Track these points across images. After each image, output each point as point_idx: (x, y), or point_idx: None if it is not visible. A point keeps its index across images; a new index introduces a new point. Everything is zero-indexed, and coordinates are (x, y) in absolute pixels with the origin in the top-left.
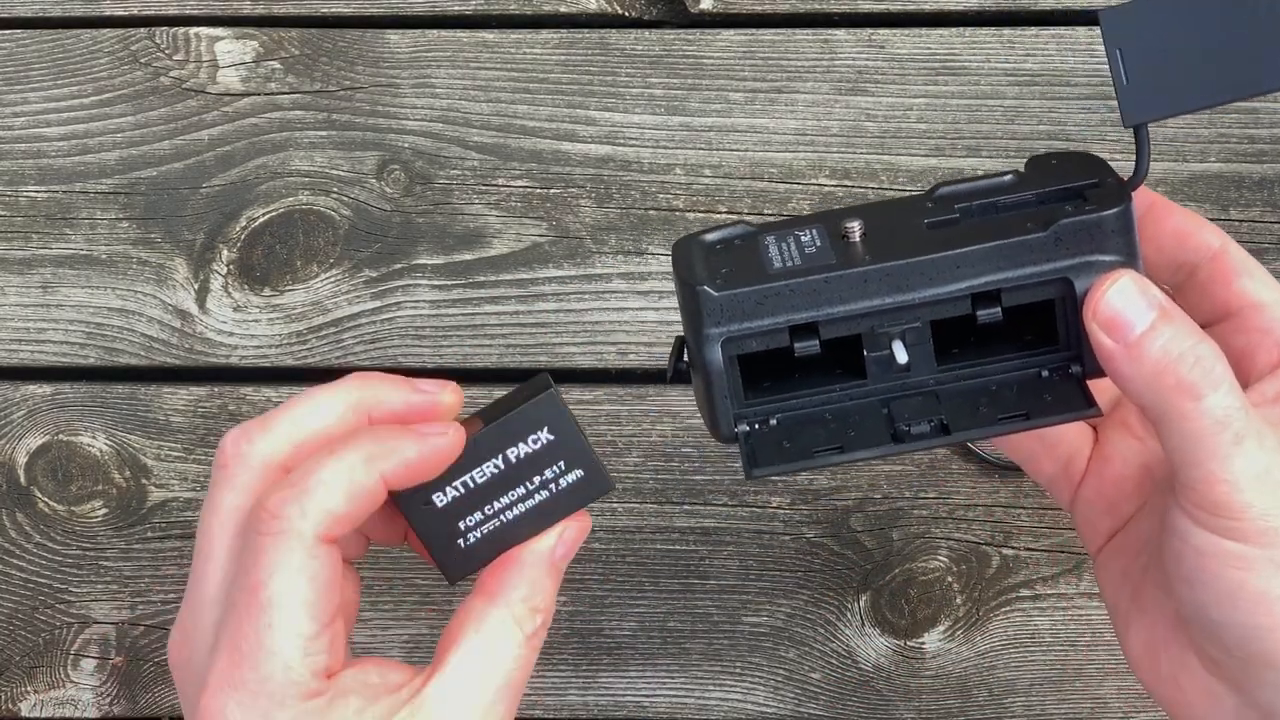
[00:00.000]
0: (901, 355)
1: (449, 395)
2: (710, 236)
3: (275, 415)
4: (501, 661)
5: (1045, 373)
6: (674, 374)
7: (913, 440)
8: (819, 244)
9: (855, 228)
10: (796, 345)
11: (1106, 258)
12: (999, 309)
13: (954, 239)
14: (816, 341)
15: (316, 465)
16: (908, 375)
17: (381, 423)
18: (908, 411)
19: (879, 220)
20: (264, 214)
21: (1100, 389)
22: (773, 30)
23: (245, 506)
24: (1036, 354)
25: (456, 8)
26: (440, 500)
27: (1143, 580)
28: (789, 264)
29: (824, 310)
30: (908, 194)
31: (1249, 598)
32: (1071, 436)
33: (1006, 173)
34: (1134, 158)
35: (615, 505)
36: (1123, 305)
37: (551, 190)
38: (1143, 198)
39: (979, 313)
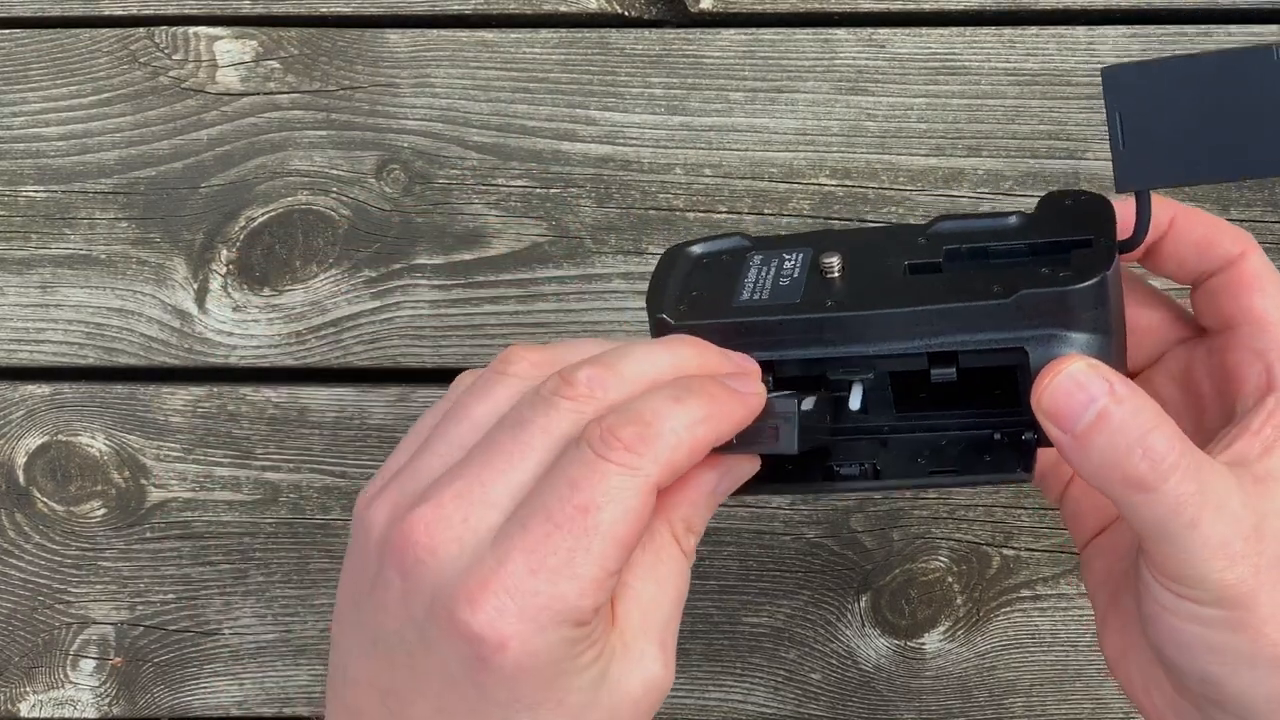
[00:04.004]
0: (855, 401)
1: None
2: (699, 249)
3: (621, 362)
4: (671, 575)
5: (998, 435)
6: None
7: (842, 480)
8: (795, 275)
9: (834, 263)
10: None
11: (1069, 333)
12: (954, 370)
13: (922, 292)
14: (770, 378)
15: (666, 410)
16: (865, 419)
17: None
18: (845, 453)
19: (864, 254)
20: (263, 214)
21: None
22: (773, 30)
23: (571, 436)
24: (995, 415)
25: (456, 7)
26: None
27: (1122, 584)
28: (755, 297)
29: (777, 351)
30: (910, 222)
31: (1204, 649)
32: None
33: (1012, 213)
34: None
35: None
36: (1066, 398)
37: (551, 190)
38: (1164, 210)
39: (934, 371)
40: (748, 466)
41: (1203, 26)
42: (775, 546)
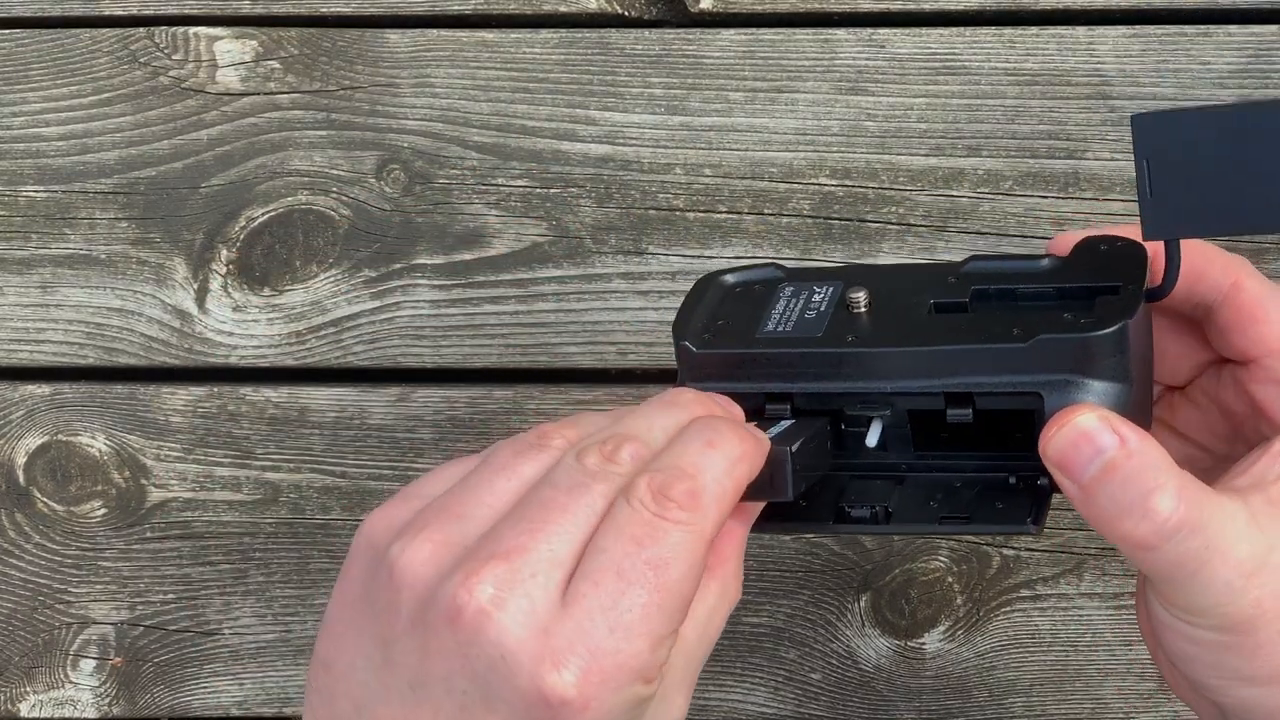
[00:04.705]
0: (873, 438)
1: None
2: (732, 278)
3: (648, 436)
4: (718, 624)
5: (1014, 479)
6: None
7: (852, 522)
8: (821, 309)
9: (861, 298)
10: (768, 407)
11: (1086, 380)
12: (970, 411)
13: (943, 331)
14: (789, 407)
15: (705, 460)
16: (884, 455)
17: None
18: (857, 493)
19: (892, 291)
20: (263, 214)
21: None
22: (773, 30)
23: (613, 497)
24: (1012, 458)
25: (456, 7)
26: None
27: None
28: (779, 329)
29: (797, 384)
30: (941, 261)
31: (1203, 665)
32: None
33: (1044, 257)
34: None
35: None
36: (1072, 449)
37: (551, 190)
38: (1151, 244)
39: (950, 411)
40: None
41: (1202, 26)
42: (775, 546)
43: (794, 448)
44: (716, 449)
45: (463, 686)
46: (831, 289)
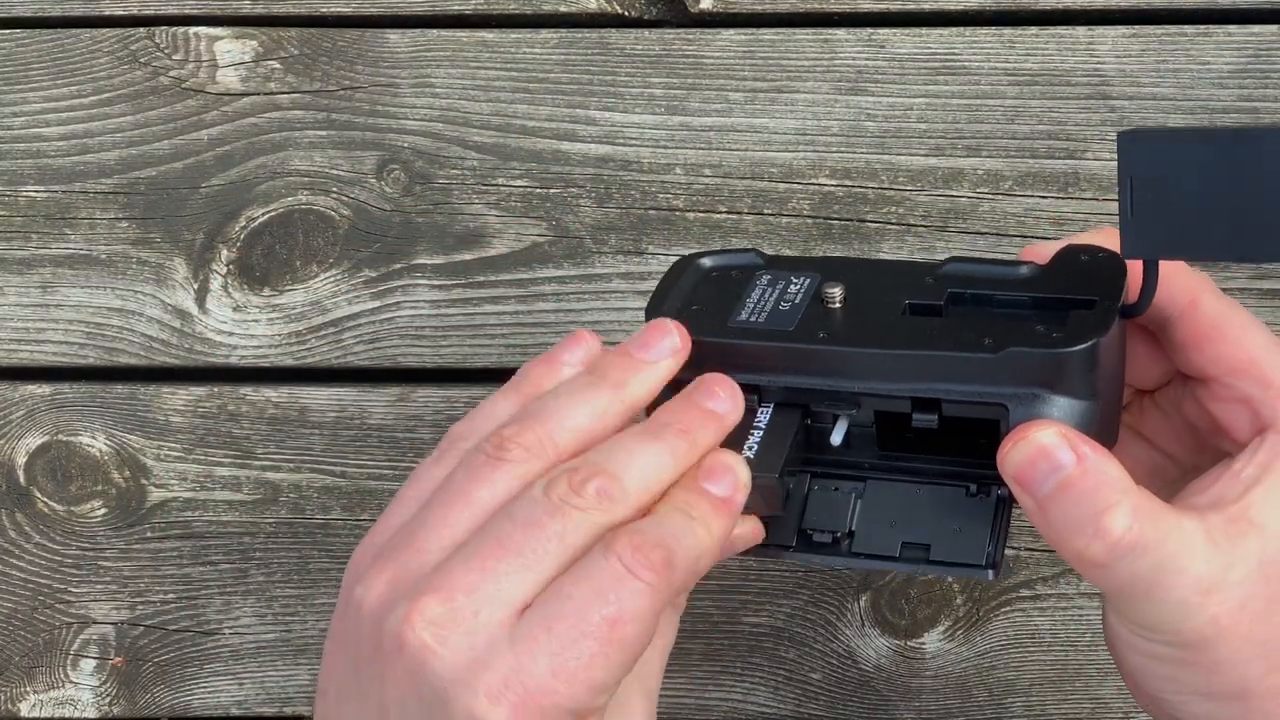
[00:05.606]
0: (838, 436)
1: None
2: (709, 261)
3: (625, 472)
4: (667, 634)
5: (973, 488)
6: None
7: (814, 548)
8: (796, 301)
9: (836, 294)
10: None
11: (1053, 395)
12: (936, 417)
13: (914, 334)
14: (756, 398)
15: (686, 531)
16: (847, 453)
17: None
18: (819, 509)
19: (868, 287)
20: (263, 214)
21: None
22: (773, 30)
23: (583, 545)
24: (975, 465)
25: (456, 7)
26: None
27: None
28: (752, 319)
29: (764, 376)
30: (920, 260)
31: (1160, 679)
32: None
33: (1024, 264)
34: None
35: None
36: (1029, 465)
37: (551, 190)
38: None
39: (916, 415)
40: (752, 529)
41: (1202, 26)
42: None
43: (780, 473)
44: (699, 524)
45: (415, 712)
46: (808, 281)
